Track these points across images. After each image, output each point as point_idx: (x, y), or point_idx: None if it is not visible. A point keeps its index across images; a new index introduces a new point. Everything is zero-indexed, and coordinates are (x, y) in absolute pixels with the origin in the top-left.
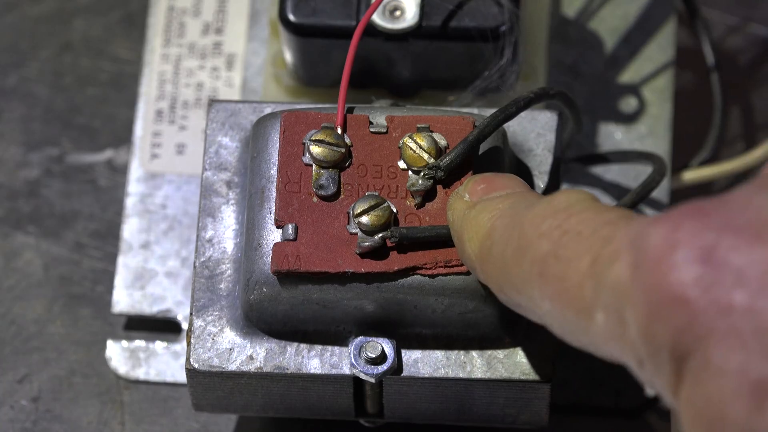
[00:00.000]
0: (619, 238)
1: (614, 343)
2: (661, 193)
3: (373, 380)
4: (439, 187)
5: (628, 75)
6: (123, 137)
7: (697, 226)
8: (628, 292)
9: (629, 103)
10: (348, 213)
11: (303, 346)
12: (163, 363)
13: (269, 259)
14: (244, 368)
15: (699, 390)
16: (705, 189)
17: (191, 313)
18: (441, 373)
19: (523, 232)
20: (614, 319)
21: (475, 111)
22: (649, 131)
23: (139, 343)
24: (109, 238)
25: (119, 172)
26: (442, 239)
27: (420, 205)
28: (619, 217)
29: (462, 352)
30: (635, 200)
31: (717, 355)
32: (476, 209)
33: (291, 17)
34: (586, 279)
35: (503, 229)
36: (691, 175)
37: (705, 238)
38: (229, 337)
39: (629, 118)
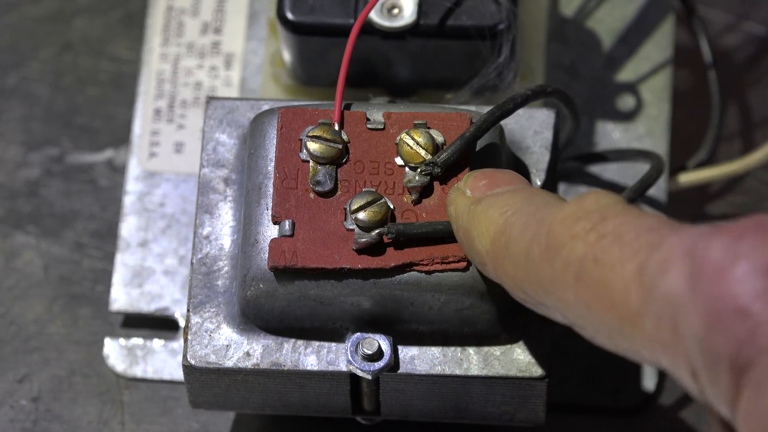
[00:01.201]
0: (668, 247)
1: (663, 351)
2: (659, 192)
3: (369, 377)
4: (436, 184)
5: (626, 74)
6: (123, 137)
7: (758, 239)
8: (684, 302)
9: (627, 103)
10: (345, 209)
11: (300, 342)
12: (160, 361)
13: (266, 255)
14: (241, 365)
15: (760, 402)
16: (703, 191)
17: (188, 310)
18: (437, 370)
19: (552, 231)
20: (667, 328)
21: (473, 108)
22: (647, 131)
23: (137, 340)
24: (108, 238)
25: (119, 171)
26: (439, 236)
27: (417, 202)
28: (661, 224)
29: (459, 348)
30: (633, 196)
31: None
32: (483, 204)
33: (289, 15)
34: (633, 285)
35: (523, 227)
36: (688, 178)
37: (766, 251)
38: (226, 333)
39: (627, 118)
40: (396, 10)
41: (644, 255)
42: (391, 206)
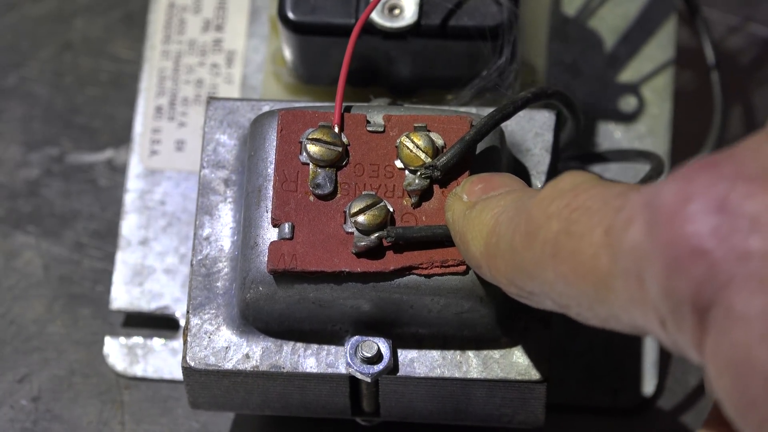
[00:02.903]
0: (631, 204)
1: (635, 307)
2: None
3: (369, 380)
4: (436, 187)
5: (628, 74)
6: (123, 137)
7: (709, 177)
8: (645, 252)
9: (629, 103)
10: (344, 212)
11: (299, 345)
12: (161, 360)
13: (266, 258)
14: (240, 367)
15: (724, 339)
16: None
17: (188, 311)
18: (437, 372)
19: (530, 216)
20: (634, 282)
21: (473, 110)
22: (648, 131)
23: (137, 339)
24: (109, 238)
25: (119, 171)
26: (439, 239)
27: (417, 205)
28: (629, 188)
29: (458, 351)
30: None
31: (739, 302)
32: (477, 209)
33: (290, 15)
34: (601, 249)
35: (508, 222)
36: None
37: (718, 189)
38: (226, 335)
39: (629, 118)
40: (397, 11)
41: (610, 218)
42: (391, 209)
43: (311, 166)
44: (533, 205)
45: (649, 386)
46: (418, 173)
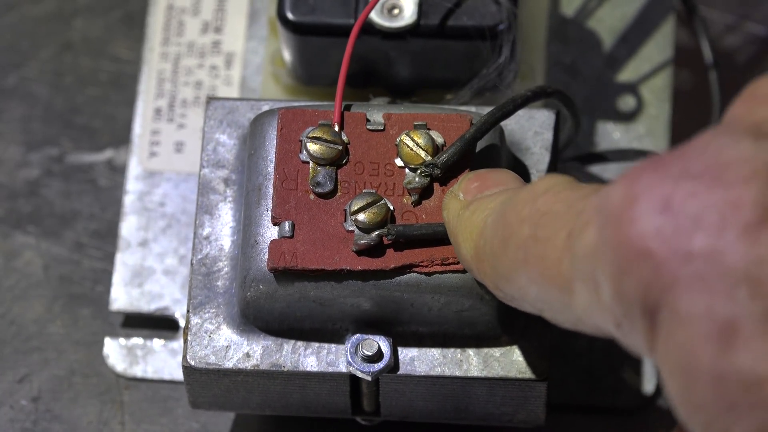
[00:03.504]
0: (589, 207)
1: (593, 311)
2: None
3: (369, 378)
4: (436, 185)
5: (627, 74)
6: (123, 137)
7: (654, 177)
8: (598, 255)
9: (628, 103)
10: (345, 210)
11: (299, 343)
12: (160, 360)
13: (266, 256)
14: (241, 366)
15: (671, 340)
16: None
17: (188, 311)
18: (437, 371)
19: (506, 221)
20: (590, 286)
21: (473, 109)
22: (647, 131)
23: (137, 340)
24: (109, 238)
25: (119, 171)
26: (439, 237)
27: (417, 203)
28: (592, 190)
29: (458, 350)
30: None
31: (684, 303)
32: (470, 209)
33: (289, 15)
34: (563, 254)
35: (494, 225)
36: None
37: (662, 189)
38: (226, 334)
39: (628, 118)
40: (396, 11)
41: (572, 222)
42: (391, 207)
43: (311, 164)
44: (509, 209)
45: (649, 386)
46: (418, 171)
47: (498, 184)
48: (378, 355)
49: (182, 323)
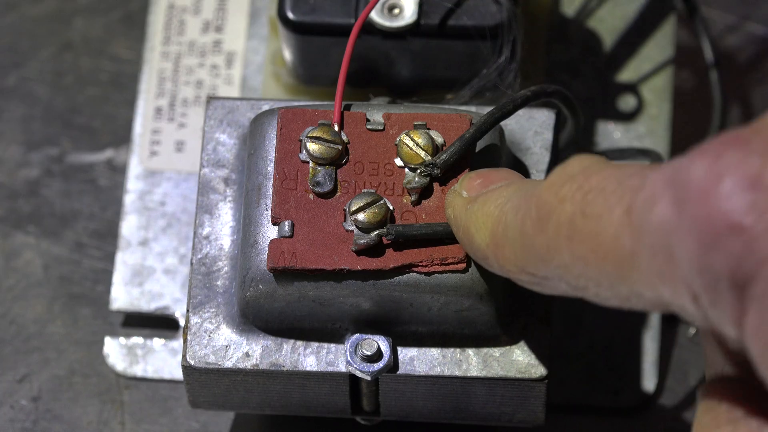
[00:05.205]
0: (651, 183)
1: (663, 283)
2: None
3: (369, 378)
4: (436, 185)
5: (627, 74)
6: (123, 137)
7: (738, 154)
8: (675, 228)
9: (628, 102)
10: (344, 210)
11: (299, 343)
12: (160, 360)
13: (265, 256)
14: (240, 365)
15: (764, 314)
16: None
17: (188, 310)
18: (437, 371)
19: (541, 202)
20: (662, 258)
21: (473, 109)
22: (648, 131)
23: (137, 339)
24: (109, 238)
25: (119, 171)
26: (439, 236)
27: (416, 203)
28: (642, 168)
29: (458, 350)
30: None
31: None
32: (479, 202)
33: (290, 15)
34: (623, 228)
35: (515, 210)
36: None
37: (750, 165)
38: (226, 334)
39: (628, 118)
40: (396, 10)
41: (629, 198)
42: (391, 207)
43: (311, 164)
44: (543, 190)
45: (649, 386)
46: (418, 171)
47: (501, 179)
48: (377, 355)
49: (182, 323)
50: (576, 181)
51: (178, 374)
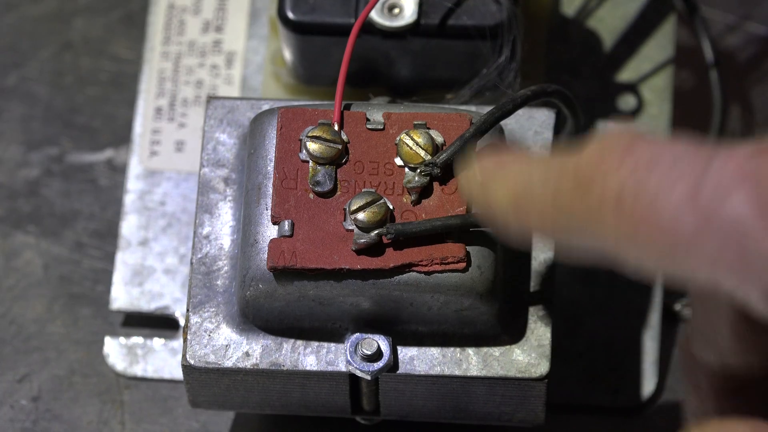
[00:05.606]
0: (720, 170)
1: (728, 273)
2: None
3: (369, 377)
4: (436, 184)
5: (627, 74)
6: (123, 137)
7: None
8: (754, 227)
9: (628, 102)
10: (344, 209)
11: (299, 342)
12: (160, 360)
13: (265, 255)
14: (240, 365)
15: None
16: None
17: (188, 310)
18: (437, 370)
19: (580, 170)
20: (733, 251)
21: (473, 109)
22: (648, 130)
23: (137, 339)
24: (109, 238)
25: (119, 171)
26: (438, 232)
27: (416, 202)
28: (697, 147)
29: (458, 349)
30: None
31: None
32: (500, 170)
33: (290, 15)
34: (686, 210)
35: (545, 171)
36: None
37: None
38: (226, 333)
39: (628, 117)
40: (396, 10)
41: (692, 180)
42: (391, 207)
43: (311, 163)
44: (582, 160)
45: (649, 386)
46: (418, 170)
47: (516, 156)
48: (377, 355)
49: (182, 322)
50: (619, 153)
51: (178, 374)
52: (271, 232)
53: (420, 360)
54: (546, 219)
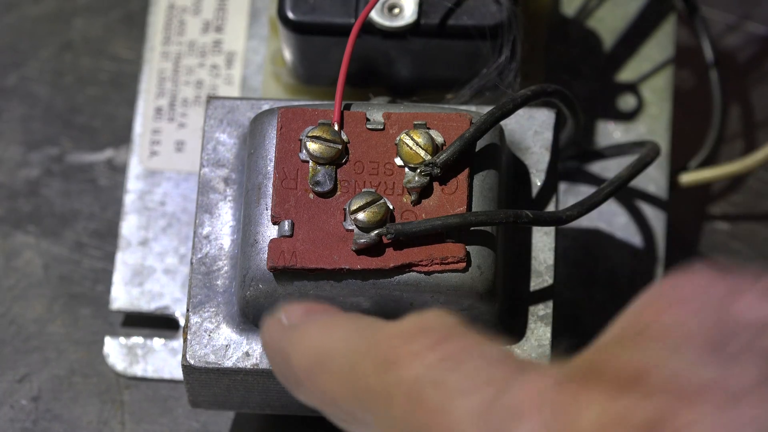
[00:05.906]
0: (520, 392)
1: None
2: (660, 192)
3: None
4: (436, 184)
5: (627, 74)
6: (123, 137)
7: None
8: None
9: (628, 102)
10: (344, 209)
11: None
12: (160, 360)
13: (265, 255)
14: (240, 365)
15: None
16: (704, 191)
17: (188, 310)
18: None
19: (389, 346)
20: None
21: (473, 109)
22: (648, 130)
23: (137, 339)
24: (109, 238)
25: (119, 171)
26: (438, 231)
27: (416, 202)
28: (506, 360)
29: None
30: (632, 173)
31: None
32: (303, 326)
33: (290, 15)
34: (475, 421)
35: (348, 341)
36: (689, 178)
37: (644, 410)
38: (226, 333)
39: (628, 117)
40: (396, 10)
41: (490, 393)
42: (391, 207)
43: (311, 163)
44: (392, 334)
45: None
46: (418, 170)
47: (324, 310)
48: None
49: (182, 322)
50: (431, 339)
51: (178, 374)
52: (271, 232)
53: None
54: (338, 386)
